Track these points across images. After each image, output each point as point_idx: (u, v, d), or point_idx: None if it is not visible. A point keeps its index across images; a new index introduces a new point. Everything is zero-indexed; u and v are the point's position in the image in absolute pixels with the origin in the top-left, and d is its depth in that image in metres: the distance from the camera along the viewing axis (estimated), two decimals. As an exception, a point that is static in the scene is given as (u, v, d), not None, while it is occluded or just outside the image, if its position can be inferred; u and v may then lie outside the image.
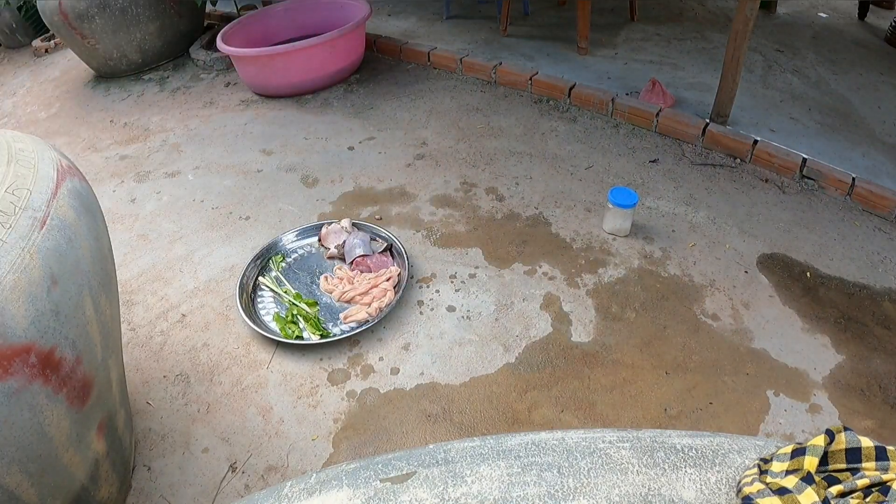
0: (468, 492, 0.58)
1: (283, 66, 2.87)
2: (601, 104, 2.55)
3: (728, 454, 0.61)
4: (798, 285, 1.72)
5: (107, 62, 3.39)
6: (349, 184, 2.32)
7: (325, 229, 2.01)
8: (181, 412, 1.53)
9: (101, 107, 3.23)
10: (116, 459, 1.25)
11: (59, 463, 1.00)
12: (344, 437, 1.44)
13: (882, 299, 1.66)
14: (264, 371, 1.61)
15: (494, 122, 2.60)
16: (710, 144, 2.28)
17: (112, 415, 1.18)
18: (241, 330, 1.73)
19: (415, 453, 0.63)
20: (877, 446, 0.55)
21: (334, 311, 1.76)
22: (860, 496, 0.52)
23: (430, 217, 2.09)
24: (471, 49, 3.08)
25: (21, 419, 0.87)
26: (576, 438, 0.63)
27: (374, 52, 3.28)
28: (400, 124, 2.66)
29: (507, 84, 2.85)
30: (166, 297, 1.88)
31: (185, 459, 1.42)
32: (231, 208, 2.26)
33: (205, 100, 3.13)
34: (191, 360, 1.66)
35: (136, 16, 3.23)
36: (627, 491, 0.57)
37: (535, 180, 2.23)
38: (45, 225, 0.89)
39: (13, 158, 0.96)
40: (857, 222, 1.92)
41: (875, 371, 1.48)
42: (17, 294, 0.82)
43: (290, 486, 0.63)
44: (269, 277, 1.88)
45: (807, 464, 0.55)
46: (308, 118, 2.82)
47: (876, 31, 3.08)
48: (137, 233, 2.18)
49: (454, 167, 2.33)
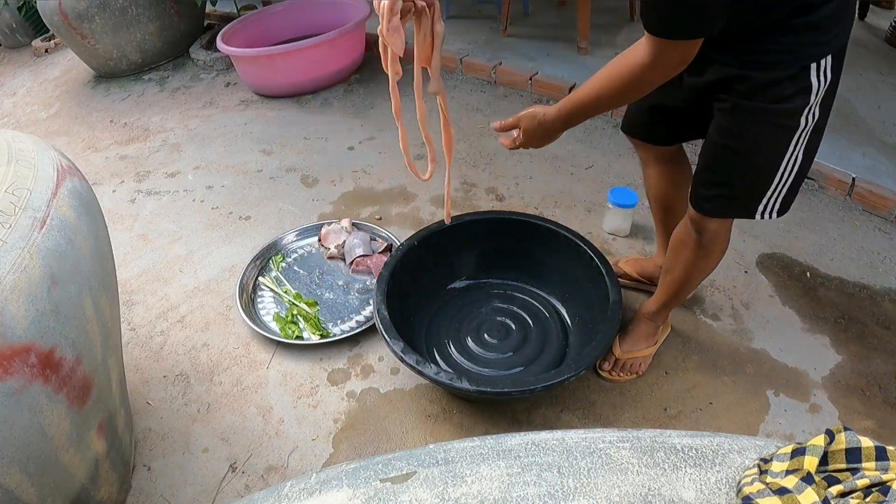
0: (468, 492, 0.58)
1: (283, 66, 2.87)
2: (601, 104, 2.54)
3: (728, 454, 0.61)
4: (798, 285, 1.72)
5: (107, 62, 3.39)
6: (349, 184, 2.32)
7: (325, 229, 2.01)
8: (181, 412, 1.53)
9: (101, 107, 3.23)
10: (116, 459, 1.25)
11: (59, 463, 1.00)
12: (344, 437, 1.44)
13: (882, 299, 1.66)
14: (264, 371, 1.61)
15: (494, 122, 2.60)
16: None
17: (112, 415, 1.18)
18: (241, 330, 1.73)
19: (415, 453, 0.63)
20: (877, 446, 0.55)
21: (335, 311, 1.76)
22: (860, 496, 0.52)
23: (431, 217, 2.09)
24: (471, 49, 3.08)
25: (21, 419, 0.87)
26: (576, 438, 0.63)
27: (375, 52, 3.28)
28: (400, 124, 2.65)
29: (507, 84, 2.84)
30: (166, 297, 1.88)
31: (185, 459, 1.42)
32: (231, 208, 2.26)
33: (205, 100, 3.13)
34: (191, 360, 1.66)
35: (136, 16, 3.23)
36: (627, 491, 0.57)
37: (535, 180, 2.23)
38: (45, 225, 0.89)
39: (13, 158, 0.96)
40: (857, 222, 1.92)
41: (875, 371, 1.48)
42: (17, 294, 0.82)
43: (290, 486, 0.63)
44: (269, 277, 1.88)
45: (807, 464, 0.55)
46: (308, 118, 2.82)
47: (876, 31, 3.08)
48: (137, 233, 2.19)
49: (454, 167, 2.33)
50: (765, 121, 1.00)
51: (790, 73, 0.95)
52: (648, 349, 1.50)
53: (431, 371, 1.28)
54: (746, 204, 1.13)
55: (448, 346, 1.59)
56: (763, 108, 0.99)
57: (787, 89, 0.97)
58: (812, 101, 0.97)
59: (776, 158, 1.05)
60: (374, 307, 1.43)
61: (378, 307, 1.41)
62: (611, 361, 1.50)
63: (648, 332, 1.49)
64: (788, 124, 1.00)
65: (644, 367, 1.50)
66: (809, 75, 0.95)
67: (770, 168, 1.07)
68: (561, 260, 1.63)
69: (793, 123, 0.99)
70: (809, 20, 0.92)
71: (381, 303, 1.42)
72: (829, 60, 0.95)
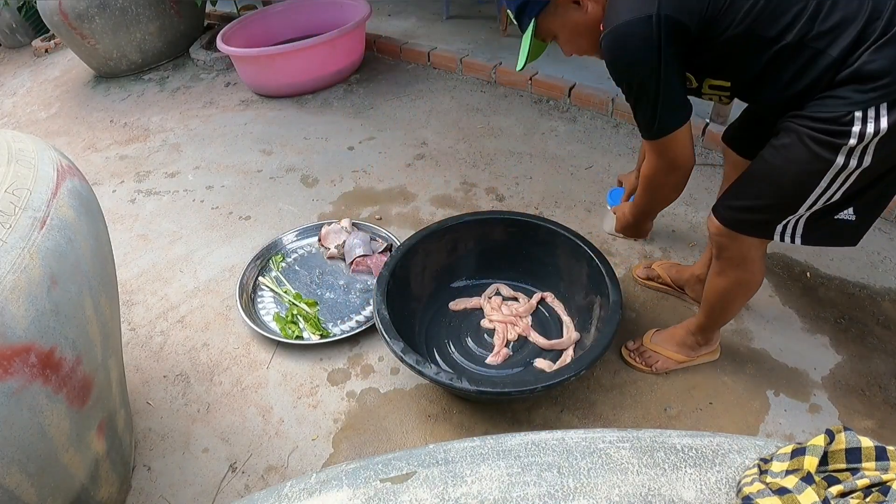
0: (468, 492, 0.58)
1: (283, 66, 2.87)
2: (601, 104, 2.55)
3: (728, 454, 0.61)
4: (798, 285, 1.72)
5: (107, 62, 3.39)
6: (349, 184, 2.32)
7: (325, 229, 2.01)
8: (181, 412, 1.53)
9: (101, 107, 3.24)
10: (116, 459, 1.25)
11: (58, 463, 1.00)
12: (344, 437, 1.44)
13: (882, 299, 1.66)
14: (264, 371, 1.61)
15: (494, 122, 2.60)
16: (710, 144, 2.28)
17: (112, 415, 1.18)
18: (241, 330, 1.73)
19: (415, 453, 0.63)
20: (877, 446, 0.55)
21: (335, 311, 1.76)
22: (860, 496, 0.52)
23: (431, 217, 2.09)
24: (471, 49, 3.08)
25: (21, 419, 0.87)
26: (576, 438, 0.63)
27: (374, 52, 3.28)
28: (400, 124, 2.66)
29: (507, 84, 2.85)
30: (166, 297, 1.88)
31: (185, 459, 1.42)
32: (231, 208, 2.26)
33: (205, 100, 3.13)
34: (191, 360, 1.66)
35: (136, 16, 3.23)
36: (627, 491, 0.57)
37: (535, 180, 2.23)
38: (45, 225, 0.89)
39: (13, 158, 0.96)
40: (857, 222, 1.92)
41: (875, 371, 1.48)
42: (17, 294, 0.82)
43: (290, 486, 0.63)
44: (269, 277, 1.88)
45: (807, 464, 0.55)
46: (308, 118, 2.82)
47: None
48: (137, 233, 2.19)
49: (454, 167, 2.33)
50: (802, 143, 1.00)
51: (837, 114, 0.95)
52: (675, 355, 1.48)
53: (431, 371, 1.28)
54: (767, 221, 1.12)
55: (448, 346, 1.59)
56: (805, 131, 0.99)
57: (831, 125, 0.96)
58: (856, 144, 0.95)
59: (803, 186, 1.03)
60: (374, 307, 1.43)
61: (378, 307, 1.41)
62: (637, 343, 1.53)
63: (683, 340, 1.48)
64: (824, 155, 0.98)
65: (661, 366, 1.48)
66: (854, 119, 0.94)
67: (796, 193, 1.05)
68: (561, 260, 1.63)
69: (829, 156, 0.98)
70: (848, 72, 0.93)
71: (381, 303, 1.42)
72: (884, 108, 0.92)
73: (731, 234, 1.16)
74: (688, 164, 1.13)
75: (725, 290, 1.29)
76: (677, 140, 1.08)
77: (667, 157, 1.12)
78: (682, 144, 1.09)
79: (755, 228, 1.15)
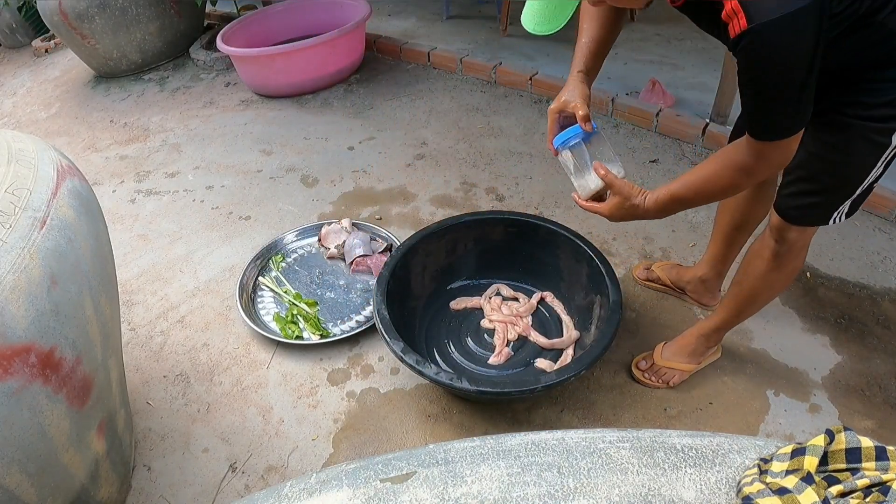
0: (468, 492, 0.58)
1: (283, 66, 2.87)
2: (601, 104, 2.55)
3: (728, 454, 0.61)
4: (798, 285, 1.72)
5: (107, 62, 3.39)
6: (349, 184, 2.32)
7: (325, 229, 2.01)
8: (181, 412, 1.53)
9: (101, 107, 3.23)
10: (116, 459, 1.25)
11: (58, 463, 1.00)
12: (344, 437, 1.44)
13: (882, 299, 1.66)
14: (264, 371, 1.61)
15: (494, 122, 2.60)
16: (711, 144, 2.28)
17: (112, 415, 1.18)
18: (241, 330, 1.74)
19: (415, 453, 0.63)
20: (877, 446, 0.55)
21: (335, 311, 1.76)
22: (860, 496, 0.52)
23: (431, 217, 2.09)
24: (471, 49, 3.08)
25: (21, 419, 0.87)
26: (576, 438, 0.63)
27: (374, 52, 3.28)
28: (400, 124, 2.66)
29: (507, 84, 2.84)
30: (166, 297, 1.88)
31: (185, 459, 1.42)
32: (231, 208, 2.26)
33: (205, 100, 3.13)
34: (191, 360, 1.66)
35: (136, 16, 3.23)
36: (627, 491, 0.57)
37: (536, 180, 2.23)
38: (45, 225, 0.89)
39: (13, 158, 0.96)
40: (856, 222, 1.92)
41: (875, 371, 1.48)
42: (17, 294, 0.82)
43: (290, 486, 0.63)
44: (269, 277, 1.88)
45: (807, 464, 0.55)
46: (308, 118, 2.82)
47: None
48: (137, 233, 2.19)
49: (454, 167, 2.33)
50: (860, 135, 1.02)
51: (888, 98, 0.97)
52: (688, 366, 1.47)
53: (431, 371, 1.28)
54: (827, 210, 1.15)
55: (448, 346, 1.59)
56: (859, 123, 1.01)
57: (882, 111, 0.98)
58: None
59: (864, 171, 1.07)
60: (374, 307, 1.43)
61: (378, 307, 1.41)
62: (648, 362, 1.50)
63: (696, 349, 1.46)
64: (881, 141, 1.01)
65: (677, 380, 1.47)
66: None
67: (857, 180, 1.08)
68: (561, 260, 1.63)
69: (885, 141, 1.01)
70: None
71: (381, 303, 1.42)
72: None
73: (799, 229, 1.18)
74: (779, 170, 1.08)
75: (776, 283, 1.29)
76: (789, 145, 0.96)
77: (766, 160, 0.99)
78: (790, 150, 0.98)
79: (818, 219, 1.17)
